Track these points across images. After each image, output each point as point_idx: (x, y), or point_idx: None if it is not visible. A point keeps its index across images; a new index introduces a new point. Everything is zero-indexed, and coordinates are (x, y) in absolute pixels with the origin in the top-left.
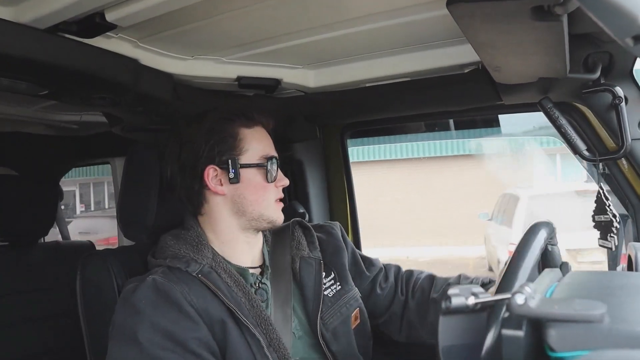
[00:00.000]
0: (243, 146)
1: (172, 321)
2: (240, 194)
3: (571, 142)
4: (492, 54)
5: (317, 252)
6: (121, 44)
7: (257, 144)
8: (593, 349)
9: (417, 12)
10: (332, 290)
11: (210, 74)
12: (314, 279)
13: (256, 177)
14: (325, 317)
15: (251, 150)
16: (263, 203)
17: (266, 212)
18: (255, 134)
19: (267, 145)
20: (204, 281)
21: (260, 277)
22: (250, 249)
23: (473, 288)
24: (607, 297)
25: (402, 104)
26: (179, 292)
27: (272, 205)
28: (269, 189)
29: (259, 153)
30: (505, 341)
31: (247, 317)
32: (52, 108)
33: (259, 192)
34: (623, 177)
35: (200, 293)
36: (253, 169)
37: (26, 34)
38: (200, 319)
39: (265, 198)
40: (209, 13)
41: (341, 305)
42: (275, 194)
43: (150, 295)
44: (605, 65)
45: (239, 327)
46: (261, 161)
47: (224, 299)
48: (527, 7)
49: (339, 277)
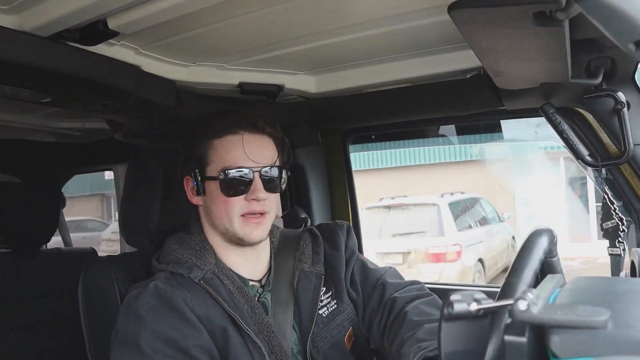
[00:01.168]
0: (210, 157)
1: (174, 328)
2: (208, 206)
3: (573, 147)
4: (494, 60)
5: (319, 265)
6: (123, 51)
7: (223, 154)
8: (596, 356)
9: (419, 18)
10: (327, 309)
11: (212, 80)
12: (311, 296)
13: (217, 190)
14: (316, 339)
15: (216, 162)
16: (225, 218)
17: (231, 228)
18: (225, 143)
19: (232, 157)
20: (205, 288)
21: (262, 290)
22: (246, 261)
23: (475, 294)
24: (610, 303)
25: (404, 109)
26: (181, 299)
27: (237, 220)
28: (231, 203)
29: (220, 165)
30: (508, 347)
31: (249, 325)
32: (55, 115)
33: (220, 207)
34: (626, 182)
35: (202, 299)
36: (214, 181)
37: (29, 41)
38: (201, 325)
39: (227, 212)
40: (211, 20)
41: (333, 327)
42: (241, 207)
43: (152, 301)
44: (607, 71)
45: (240, 334)
46: (218, 174)
47: (225, 306)
48: (528, 12)
49: (336, 294)
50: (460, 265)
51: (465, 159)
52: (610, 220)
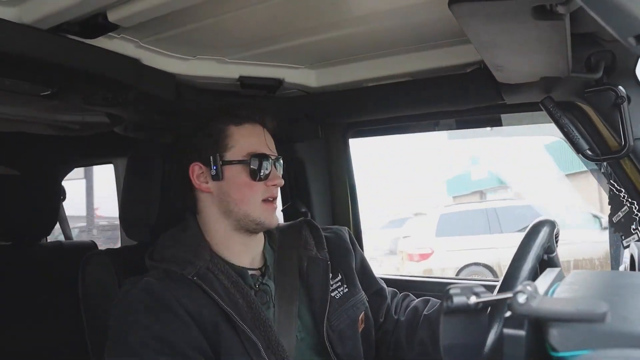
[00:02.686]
0: (228, 143)
1: (164, 324)
2: (225, 192)
3: (574, 141)
4: (494, 54)
5: (324, 252)
6: (123, 44)
7: (245, 140)
8: (595, 349)
9: (419, 12)
10: (339, 293)
11: (212, 74)
12: (321, 279)
13: (240, 174)
14: (332, 319)
15: (237, 147)
16: (249, 202)
17: (252, 213)
18: (244, 130)
19: (256, 143)
20: (199, 284)
21: (261, 278)
22: (248, 249)
23: (474, 287)
24: (609, 296)
25: (404, 103)
26: (172, 295)
27: (259, 205)
28: (255, 187)
29: (245, 150)
30: (506, 340)
31: (245, 320)
32: (55, 108)
33: (243, 190)
34: (626, 176)
35: (195, 296)
36: (237, 165)
37: (29, 34)
38: (192, 322)
39: (250, 196)
40: (211, 13)
41: (348, 307)
42: (263, 193)
43: (143, 297)
44: (607, 65)
45: (235, 330)
46: (245, 158)
47: (220, 301)
48: (529, 6)
49: (346, 279)
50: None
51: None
52: (621, 210)
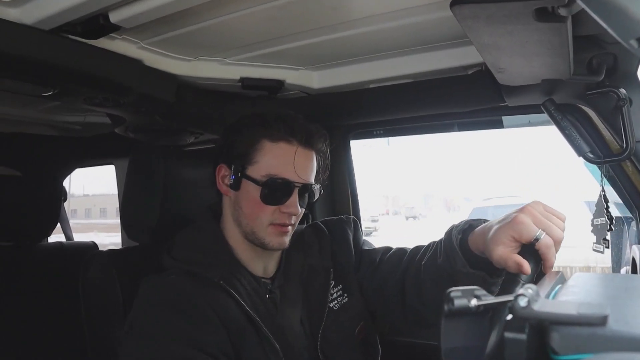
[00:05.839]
0: (254, 157)
1: (191, 323)
2: (238, 202)
3: (575, 143)
4: (496, 56)
5: (327, 259)
6: (125, 45)
7: (270, 159)
8: (596, 352)
9: (421, 14)
10: (337, 303)
11: (213, 75)
12: (321, 290)
13: (255, 192)
14: (327, 332)
15: (260, 164)
16: (256, 220)
17: (258, 232)
18: (276, 149)
19: (281, 165)
20: (225, 287)
21: (271, 285)
22: (260, 258)
23: (475, 290)
24: (610, 299)
25: (406, 105)
26: (201, 295)
27: (265, 227)
28: (265, 209)
29: (266, 170)
30: (507, 344)
31: (267, 325)
32: (56, 109)
33: (253, 208)
34: (627, 179)
35: (221, 299)
36: (254, 184)
37: (31, 35)
38: (219, 323)
39: (257, 217)
40: (213, 14)
41: (344, 320)
42: (272, 217)
43: (173, 295)
44: (609, 67)
45: (258, 335)
46: (263, 179)
47: (245, 306)
48: (531, 8)
49: (346, 287)
50: None
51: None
52: (600, 218)
